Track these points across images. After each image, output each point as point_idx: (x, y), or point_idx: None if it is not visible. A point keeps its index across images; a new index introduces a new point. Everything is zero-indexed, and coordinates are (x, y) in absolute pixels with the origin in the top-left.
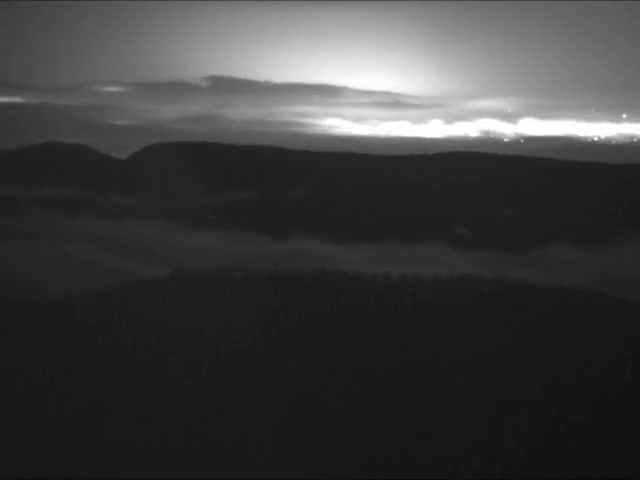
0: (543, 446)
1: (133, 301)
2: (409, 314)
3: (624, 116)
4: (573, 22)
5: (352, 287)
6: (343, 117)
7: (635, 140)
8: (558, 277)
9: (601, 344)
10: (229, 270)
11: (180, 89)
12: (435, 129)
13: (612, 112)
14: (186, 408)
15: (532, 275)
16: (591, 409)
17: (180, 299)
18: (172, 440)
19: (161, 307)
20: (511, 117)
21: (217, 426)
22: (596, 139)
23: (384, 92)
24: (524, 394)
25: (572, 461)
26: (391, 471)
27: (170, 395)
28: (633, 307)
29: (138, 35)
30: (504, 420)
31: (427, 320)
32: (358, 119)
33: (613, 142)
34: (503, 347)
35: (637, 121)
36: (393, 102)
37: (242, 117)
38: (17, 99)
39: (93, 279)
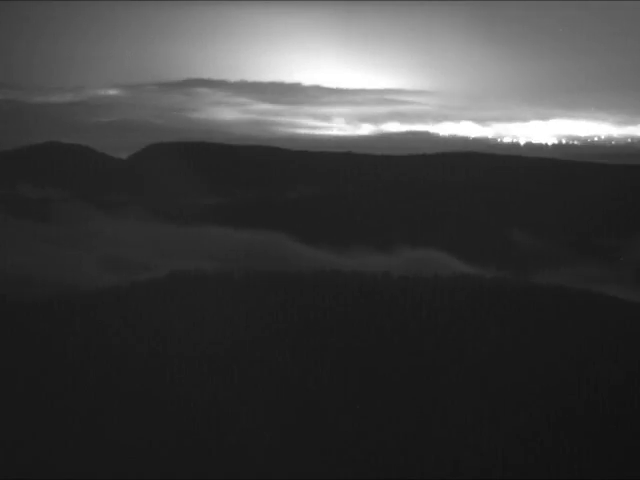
0: (543, 446)
1: (133, 301)
2: (409, 314)
3: (624, 116)
4: (573, 21)
5: (352, 287)
6: (328, 117)
7: (635, 140)
8: (556, 277)
9: (601, 344)
10: (229, 270)
11: (174, 89)
12: (438, 129)
13: (612, 112)
14: (186, 408)
15: (531, 275)
16: (591, 409)
17: (180, 299)
18: (172, 440)
19: (161, 307)
20: (510, 117)
21: (217, 426)
22: (596, 139)
23: (362, 90)
24: (524, 394)
25: (572, 461)
26: (391, 471)
27: (170, 395)
28: (633, 307)
29: (129, 36)
30: (504, 420)
31: (427, 320)
32: (352, 118)
33: (613, 142)
34: (503, 347)
35: (637, 121)
36: (385, 100)
37: (220, 117)
38: (17, 99)
39: (92, 279)
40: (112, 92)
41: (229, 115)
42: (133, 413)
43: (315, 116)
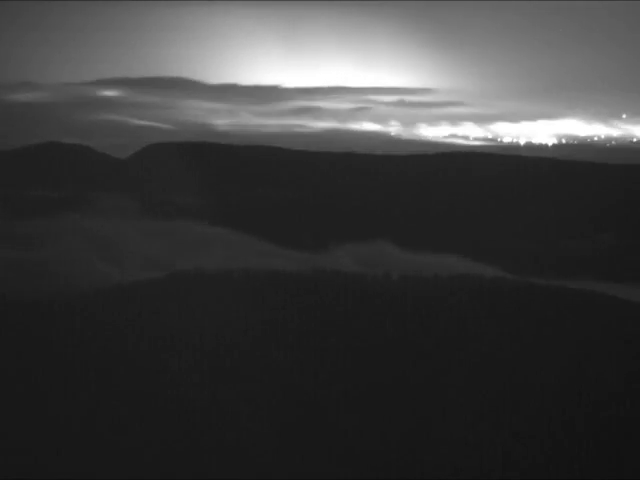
0: (543, 446)
1: (133, 301)
2: (409, 314)
3: (624, 116)
4: (573, 21)
5: (352, 287)
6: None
7: (635, 140)
8: (556, 277)
9: (601, 344)
10: (229, 270)
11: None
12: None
13: (612, 112)
14: (186, 408)
15: (531, 275)
16: (591, 409)
17: (180, 299)
18: (172, 439)
19: (161, 307)
20: (510, 117)
21: (217, 426)
22: (596, 139)
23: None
24: (524, 394)
25: (572, 461)
26: (391, 471)
27: (170, 395)
28: (633, 307)
29: (122, 36)
30: (504, 420)
31: (427, 320)
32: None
33: (613, 142)
34: (503, 347)
35: (637, 121)
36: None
37: (208, 118)
38: (17, 98)
39: (92, 279)
40: (107, 92)
41: (215, 116)
42: (133, 413)
43: (297, 116)
